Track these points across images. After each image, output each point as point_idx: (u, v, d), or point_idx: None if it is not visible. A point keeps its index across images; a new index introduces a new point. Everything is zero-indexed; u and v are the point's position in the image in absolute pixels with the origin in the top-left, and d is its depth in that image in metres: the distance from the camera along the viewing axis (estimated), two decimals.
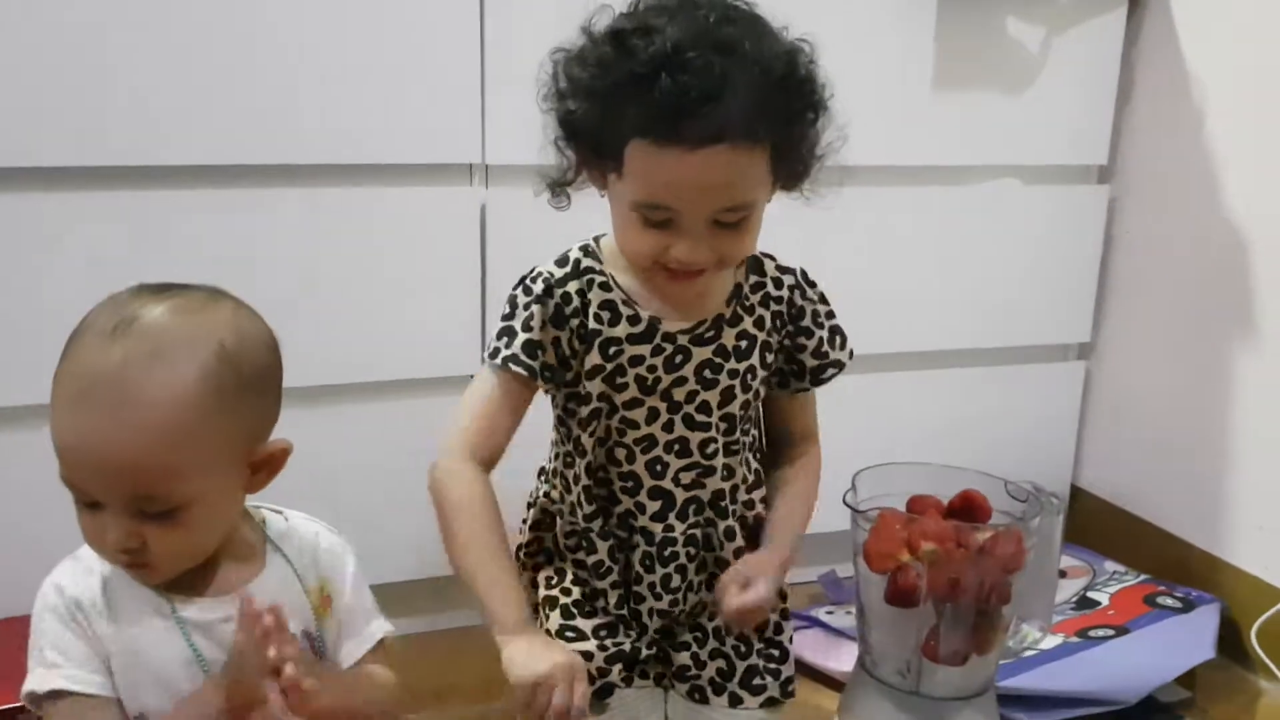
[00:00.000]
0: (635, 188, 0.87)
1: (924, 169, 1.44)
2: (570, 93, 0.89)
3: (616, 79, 0.85)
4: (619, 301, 0.94)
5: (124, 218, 1.14)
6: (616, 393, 0.95)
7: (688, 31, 0.83)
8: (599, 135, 0.88)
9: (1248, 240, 1.36)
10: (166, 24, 1.11)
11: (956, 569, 0.96)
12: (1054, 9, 1.40)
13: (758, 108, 0.84)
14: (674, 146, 0.83)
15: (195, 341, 0.74)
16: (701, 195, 0.85)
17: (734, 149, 0.83)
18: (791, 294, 1.00)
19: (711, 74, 0.81)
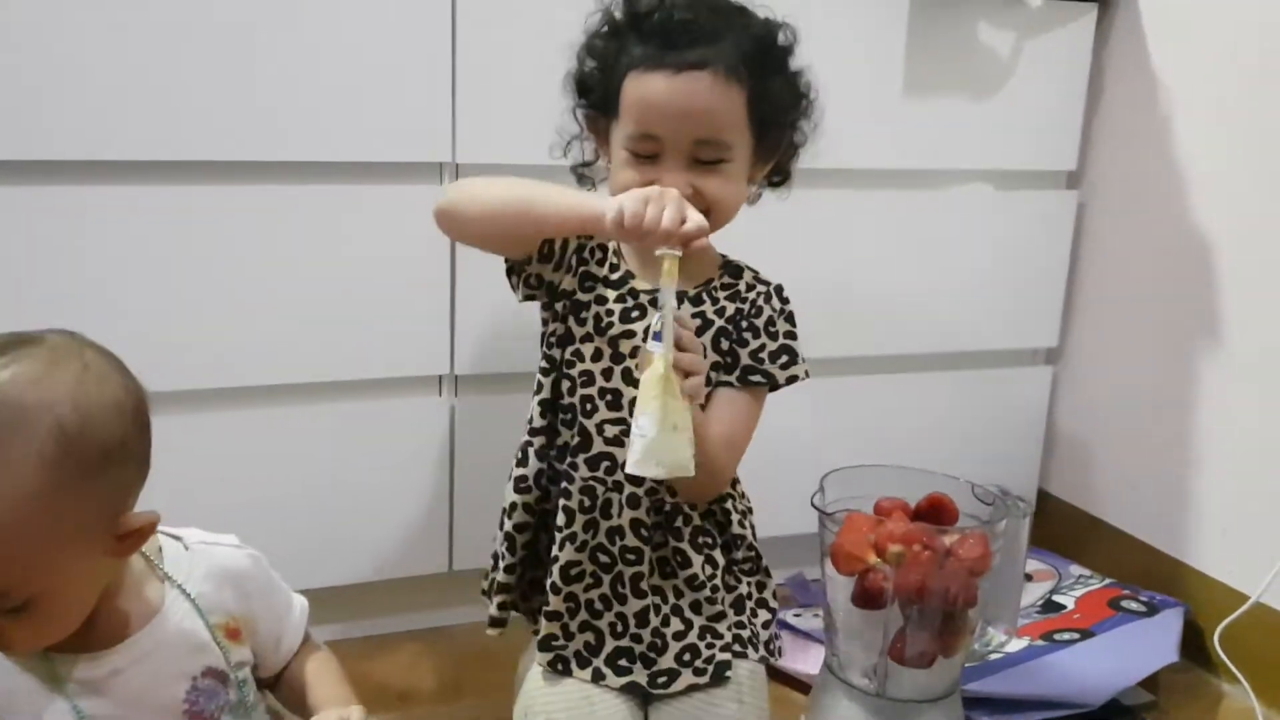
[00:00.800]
0: (627, 122, 0.98)
1: (894, 173, 1.44)
2: (584, 56, 1.03)
3: (619, 26, 0.99)
4: (611, 249, 1.05)
5: (85, 214, 1.12)
6: (577, 325, 1.02)
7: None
8: (604, 83, 1.00)
9: (1214, 246, 1.38)
10: (133, 20, 1.09)
11: (923, 571, 0.96)
12: (1024, 15, 1.41)
13: (737, 50, 0.96)
14: (660, 71, 0.95)
15: (27, 426, 0.66)
16: (683, 119, 0.95)
17: (713, 77, 0.95)
18: (758, 297, 1.06)
19: (699, 18, 0.96)
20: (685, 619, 1.03)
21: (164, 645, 0.78)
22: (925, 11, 1.38)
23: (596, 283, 1.03)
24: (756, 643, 1.05)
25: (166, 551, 0.82)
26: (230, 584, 0.83)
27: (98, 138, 1.11)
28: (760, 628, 1.06)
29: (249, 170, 1.18)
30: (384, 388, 1.28)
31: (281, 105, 1.16)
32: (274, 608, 0.88)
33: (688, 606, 1.04)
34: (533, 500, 1.05)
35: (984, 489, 1.06)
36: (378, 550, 1.31)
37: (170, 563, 0.81)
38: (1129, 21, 1.46)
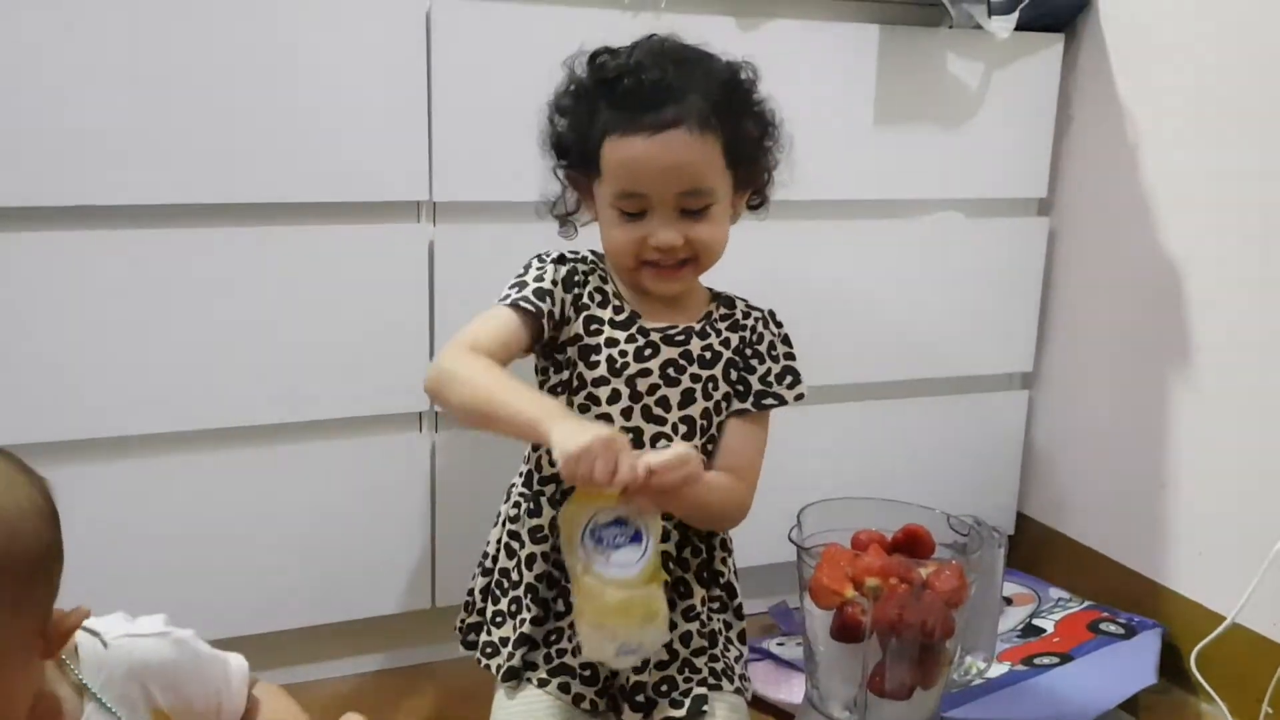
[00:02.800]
0: (611, 182, 1.01)
1: (866, 203, 1.46)
2: (557, 117, 1.06)
3: (590, 90, 1.02)
4: (611, 293, 1.07)
5: (63, 258, 1.13)
6: (588, 369, 1.04)
7: (647, 51, 1.02)
8: (581, 144, 1.03)
9: (1184, 270, 1.40)
10: (110, 63, 1.10)
11: (900, 604, 0.97)
12: (992, 45, 1.43)
13: (707, 101, 0.99)
14: (637, 135, 0.98)
15: None
16: (665, 176, 0.99)
17: (689, 133, 0.98)
18: (756, 324, 1.11)
19: (666, 76, 0.99)
20: (671, 649, 1.05)
21: None
22: (894, 44, 1.40)
23: (603, 325, 1.05)
24: (731, 674, 1.07)
25: (84, 653, 0.76)
26: (156, 679, 0.79)
27: (76, 183, 1.12)
28: (733, 661, 1.07)
29: (226, 212, 1.18)
30: (365, 425, 1.28)
31: (258, 147, 1.17)
32: (206, 683, 0.84)
33: (678, 638, 1.05)
34: (550, 549, 1.06)
35: (959, 519, 1.07)
36: (360, 588, 1.31)
37: (88, 666, 0.76)
38: (1095, 51, 1.49)
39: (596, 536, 0.93)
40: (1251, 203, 1.31)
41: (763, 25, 1.34)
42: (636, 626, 0.93)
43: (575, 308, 1.06)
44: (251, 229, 1.19)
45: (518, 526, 1.08)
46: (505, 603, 1.09)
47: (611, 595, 0.92)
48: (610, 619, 0.93)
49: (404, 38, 1.20)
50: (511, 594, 1.08)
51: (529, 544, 1.07)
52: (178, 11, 1.12)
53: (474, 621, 1.12)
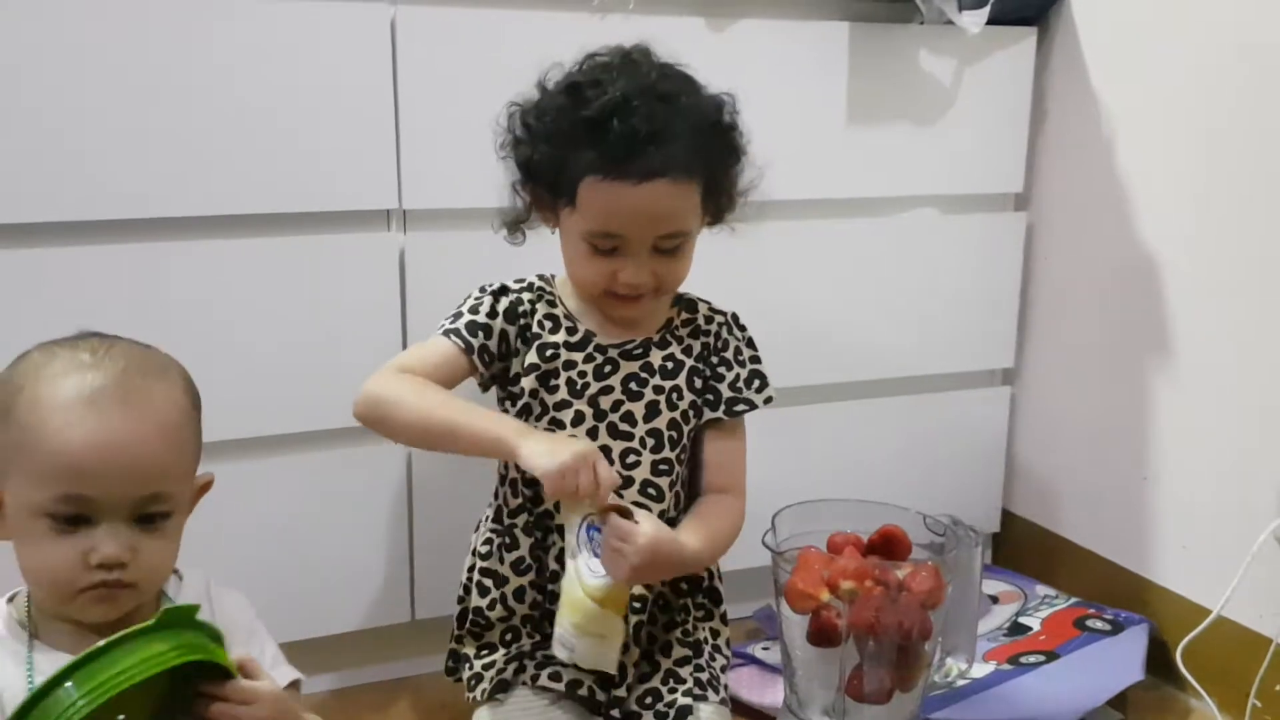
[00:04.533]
0: (588, 219, 0.99)
1: (841, 202, 1.45)
2: (529, 139, 1.02)
3: (573, 124, 0.98)
4: (561, 316, 1.07)
5: (33, 276, 1.12)
6: (549, 393, 1.04)
7: (633, 84, 0.98)
8: (556, 174, 1.00)
9: (1161, 263, 1.39)
10: (75, 80, 1.09)
11: (875, 606, 0.96)
12: (964, 41, 1.42)
13: (693, 148, 0.98)
14: (622, 181, 0.96)
15: (168, 365, 0.83)
16: (646, 223, 0.98)
17: (673, 183, 0.97)
18: (720, 329, 1.11)
19: (655, 119, 0.96)
20: (653, 660, 1.05)
21: None
22: (865, 42, 1.39)
23: (558, 349, 1.05)
24: (717, 684, 1.06)
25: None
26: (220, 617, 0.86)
27: (45, 199, 1.11)
28: (719, 670, 1.06)
29: (194, 225, 1.17)
30: (340, 437, 1.27)
31: (225, 159, 1.16)
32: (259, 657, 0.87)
33: (658, 649, 1.05)
34: (535, 575, 1.06)
35: (935, 520, 1.06)
36: (339, 602, 1.30)
37: (169, 594, 0.86)
38: (1068, 45, 1.48)
39: (590, 535, 0.97)
40: (1228, 194, 1.30)
41: (732, 25, 1.33)
42: (584, 637, 0.96)
43: (524, 339, 1.05)
44: (220, 241, 1.18)
45: (492, 564, 1.08)
46: (495, 634, 1.08)
47: (575, 590, 0.97)
48: (565, 612, 0.98)
49: (369, 46, 1.19)
50: (501, 627, 1.08)
51: (514, 578, 1.06)
52: (143, 25, 1.11)
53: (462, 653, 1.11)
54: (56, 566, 0.75)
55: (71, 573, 0.75)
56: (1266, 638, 1.24)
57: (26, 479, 0.75)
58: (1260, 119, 1.25)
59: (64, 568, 0.75)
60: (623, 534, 0.93)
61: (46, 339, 0.81)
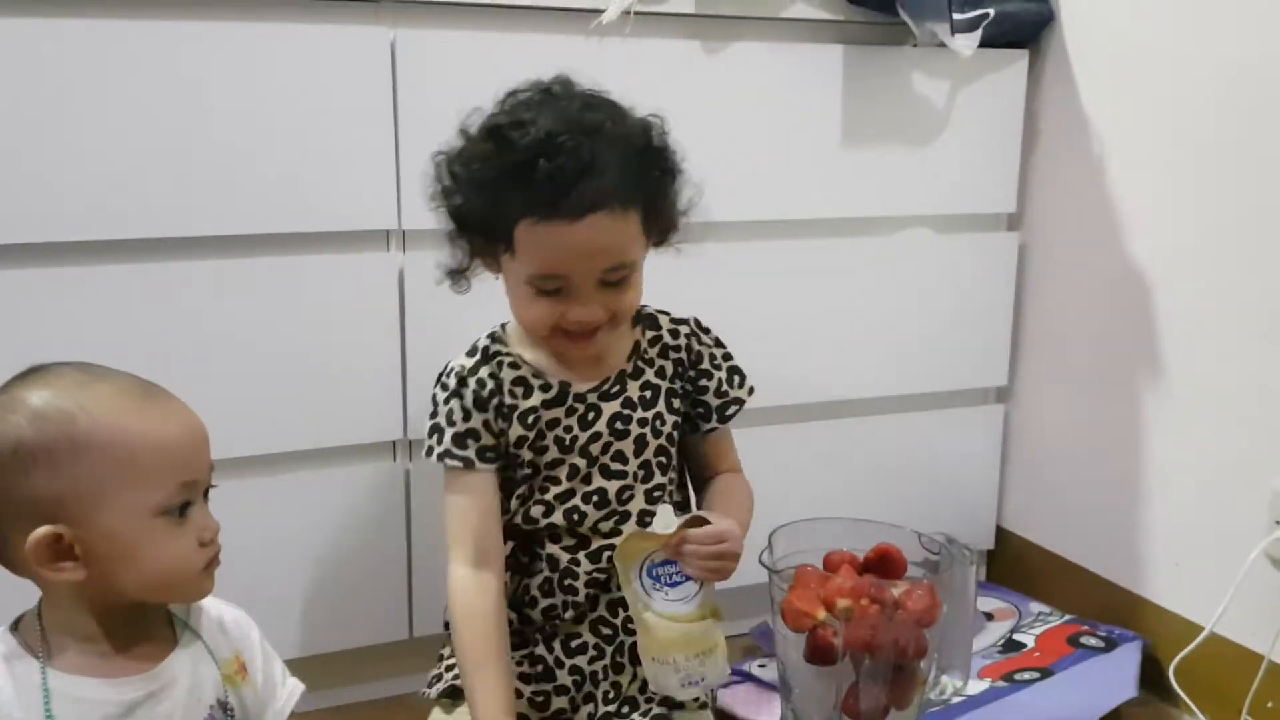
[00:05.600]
0: (528, 263, 0.96)
1: (836, 221, 1.46)
2: (457, 189, 0.98)
3: (499, 169, 0.94)
4: (529, 375, 1.04)
5: (30, 296, 1.12)
6: (539, 455, 1.03)
7: (556, 120, 0.93)
8: (489, 222, 0.96)
9: (1152, 282, 1.40)
10: (78, 100, 1.11)
11: (871, 625, 0.96)
12: (956, 63, 1.44)
13: (626, 176, 0.94)
14: (558, 220, 0.92)
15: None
16: (588, 259, 0.95)
17: (611, 215, 0.93)
18: (688, 341, 1.09)
19: (582, 153, 0.92)
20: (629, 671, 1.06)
21: (187, 671, 0.82)
22: (859, 64, 1.41)
23: (538, 410, 1.03)
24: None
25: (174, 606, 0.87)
26: (231, 631, 0.88)
27: (43, 220, 1.12)
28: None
29: (196, 246, 1.19)
30: (337, 456, 1.28)
31: (227, 179, 1.17)
32: (264, 677, 0.90)
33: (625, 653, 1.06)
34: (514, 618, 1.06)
35: (930, 538, 1.07)
36: (337, 619, 1.30)
37: (178, 609, 0.86)
38: (1059, 67, 1.50)
39: (653, 575, 0.98)
40: (1218, 214, 1.32)
41: (727, 48, 1.35)
42: (696, 659, 0.99)
43: (503, 415, 1.03)
44: (221, 261, 1.19)
45: None
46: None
47: (671, 629, 0.98)
48: (672, 651, 0.99)
49: (370, 67, 1.21)
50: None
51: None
52: (146, 48, 1.12)
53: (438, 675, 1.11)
54: (179, 556, 0.78)
55: (192, 558, 0.79)
56: (1258, 654, 1.25)
57: (132, 487, 0.75)
58: (1249, 139, 1.27)
59: (186, 555, 0.79)
60: (718, 535, 0.97)
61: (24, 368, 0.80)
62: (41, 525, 0.74)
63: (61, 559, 0.75)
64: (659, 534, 0.98)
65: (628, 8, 1.26)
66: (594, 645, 1.05)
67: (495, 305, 1.17)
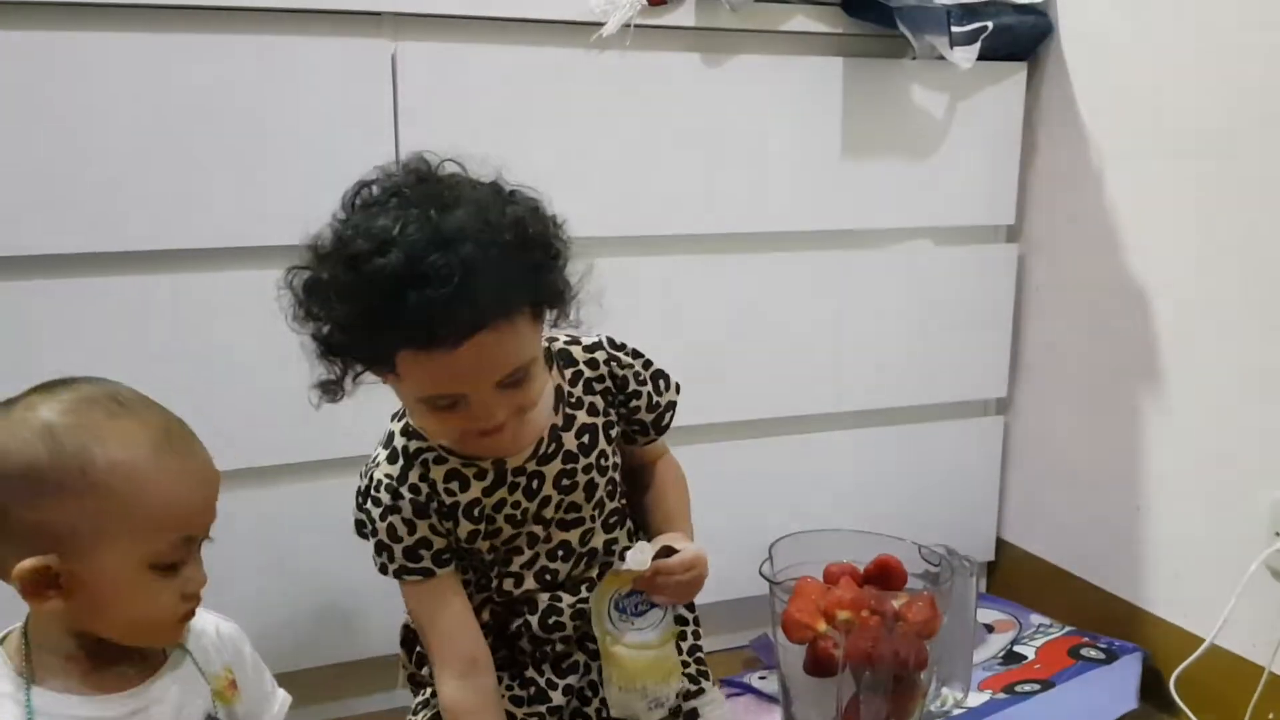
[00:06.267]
0: (416, 388, 0.88)
1: (836, 233, 1.47)
2: (323, 318, 0.89)
3: (366, 306, 0.84)
4: (459, 466, 0.97)
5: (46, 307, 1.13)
6: (496, 539, 1.00)
7: (417, 237, 0.82)
8: (364, 353, 0.89)
9: (1151, 293, 1.41)
10: (84, 111, 1.11)
11: (872, 636, 0.97)
12: (955, 75, 1.44)
13: (504, 283, 0.85)
14: (439, 350, 0.83)
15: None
16: (479, 376, 0.87)
17: (495, 330, 0.84)
18: (609, 367, 1.03)
19: (452, 276, 0.81)
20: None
21: (174, 690, 0.82)
22: (859, 76, 1.42)
23: (480, 500, 0.98)
24: (706, 672, 1.08)
25: None
26: (223, 645, 0.88)
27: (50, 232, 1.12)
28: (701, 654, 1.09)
29: (199, 257, 1.19)
30: (335, 467, 1.27)
31: (229, 191, 1.18)
32: (255, 690, 0.90)
33: None
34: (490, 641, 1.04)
35: (930, 550, 1.07)
36: (335, 632, 1.30)
37: None
38: (1058, 79, 1.50)
39: (620, 607, 1.00)
40: (1217, 225, 1.32)
41: (728, 60, 1.35)
42: (663, 681, 1.01)
43: (445, 515, 0.97)
44: (223, 273, 1.20)
45: None
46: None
47: (640, 658, 1.00)
48: (640, 679, 1.00)
49: (371, 79, 1.21)
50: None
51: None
52: (152, 60, 1.13)
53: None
54: (161, 608, 0.78)
55: (171, 610, 0.78)
56: (1259, 666, 1.25)
57: (134, 537, 0.75)
58: (1247, 151, 1.27)
59: (167, 608, 0.78)
60: (687, 563, 0.98)
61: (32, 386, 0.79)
62: (34, 551, 0.73)
63: (47, 588, 0.74)
64: (635, 571, 0.98)
65: (628, 21, 1.26)
66: (583, 664, 1.04)
67: None
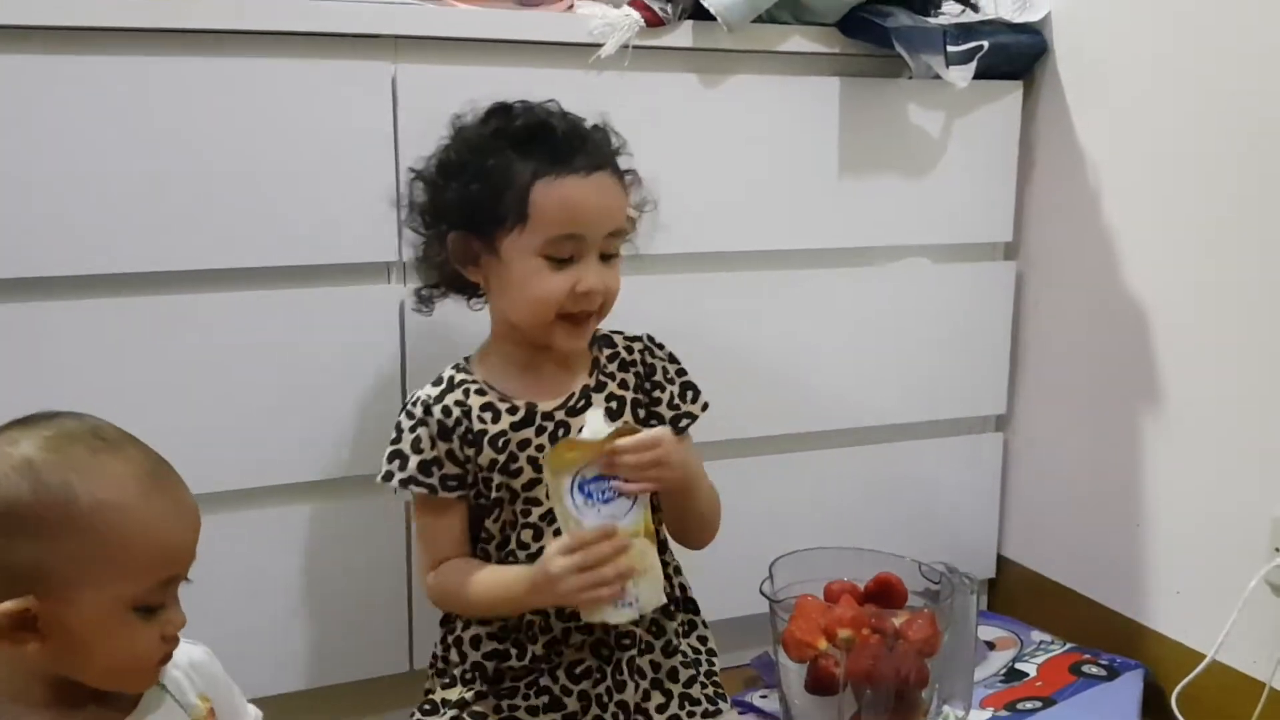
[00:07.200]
0: (544, 227, 1.01)
1: (834, 251, 1.47)
2: (459, 177, 1.04)
3: (510, 140, 1.03)
4: (495, 400, 1.06)
5: (43, 329, 1.13)
6: (513, 479, 1.04)
7: (542, 108, 1.06)
8: (499, 199, 1.01)
9: (1149, 309, 1.41)
10: (86, 135, 1.12)
11: (872, 655, 0.97)
12: (951, 94, 1.45)
13: (610, 151, 1.07)
14: (575, 175, 1.01)
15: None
16: (600, 215, 1.02)
17: (612, 175, 1.04)
18: (642, 355, 1.12)
19: (581, 127, 1.05)
20: (665, 690, 1.07)
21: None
22: (855, 96, 1.42)
23: (508, 433, 1.05)
24: (724, 694, 1.09)
25: None
26: (196, 673, 0.86)
27: (50, 255, 1.12)
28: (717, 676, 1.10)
29: (196, 279, 1.19)
30: (338, 487, 1.28)
31: (228, 212, 1.18)
32: (230, 702, 0.89)
33: (666, 676, 1.07)
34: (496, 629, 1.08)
35: (930, 567, 1.07)
36: (336, 651, 1.30)
37: None
38: (1053, 97, 1.51)
39: (585, 491, 0.96)
40: (1215, 240, 1.33)
41: (725, 81, 1.36)
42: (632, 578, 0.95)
43: (470, 442, 1.05)
44: (223, 294, 1.20)
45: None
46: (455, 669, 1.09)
47: None
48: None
49: (371, 101, 1.22)
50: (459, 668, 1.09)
51: (474, 625, 1.08)
52: (151, 83, 1.13)
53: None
54: (140, 651, 0.75)
55: (150, 654, 0.76)
56: (1260, 681, 1.25)
57: (118, 577, 0.73)
58: (1244, 167, 1.28)
59: (146, 651, 0.76)
60: (651, 441, 0.97)
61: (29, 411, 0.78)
62: (10, 593, 0.70)
63: (23, 630, 0.71)
64: (589, 441, 0.95)
65: (626, 42, 1.27)
66: (596, 668, 1.05)
67: None
